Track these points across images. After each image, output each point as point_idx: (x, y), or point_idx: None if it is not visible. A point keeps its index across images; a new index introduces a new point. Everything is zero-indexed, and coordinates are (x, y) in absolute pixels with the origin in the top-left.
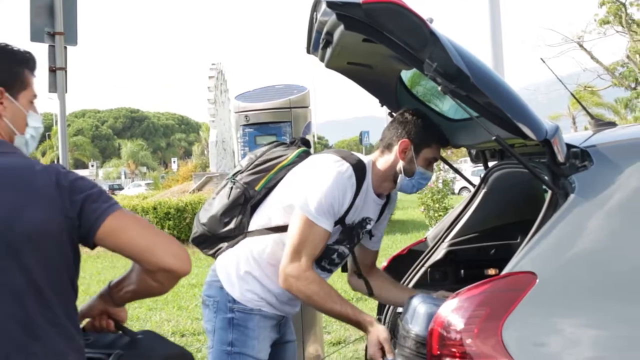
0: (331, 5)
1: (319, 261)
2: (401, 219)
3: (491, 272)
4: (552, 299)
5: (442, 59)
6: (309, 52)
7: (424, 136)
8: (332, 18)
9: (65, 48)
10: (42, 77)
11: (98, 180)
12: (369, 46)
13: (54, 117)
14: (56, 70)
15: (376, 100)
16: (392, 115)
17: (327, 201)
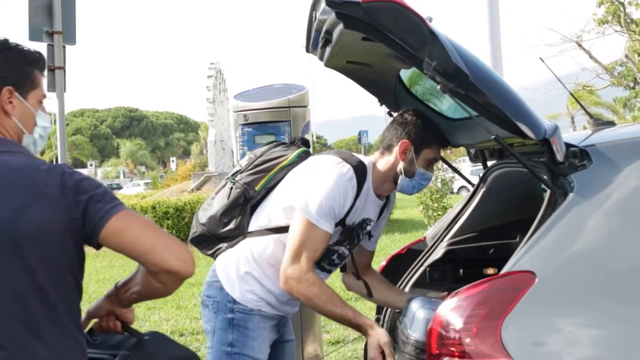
0: (330, 3)
1: (319, 262)
2: (400, 218)
3: (490, 271)
4: (551, 298)
5: (441, 57)
6: (308, 50)
7: (424, 137)
8: (331, 17)
9: (64, 47)
10: None
11: (96, 179)
12: (368, 45)
13: (52, 116)
14: (55, 69)
15: (375, 100)
16: (391, 115)
17: (328, 203)
